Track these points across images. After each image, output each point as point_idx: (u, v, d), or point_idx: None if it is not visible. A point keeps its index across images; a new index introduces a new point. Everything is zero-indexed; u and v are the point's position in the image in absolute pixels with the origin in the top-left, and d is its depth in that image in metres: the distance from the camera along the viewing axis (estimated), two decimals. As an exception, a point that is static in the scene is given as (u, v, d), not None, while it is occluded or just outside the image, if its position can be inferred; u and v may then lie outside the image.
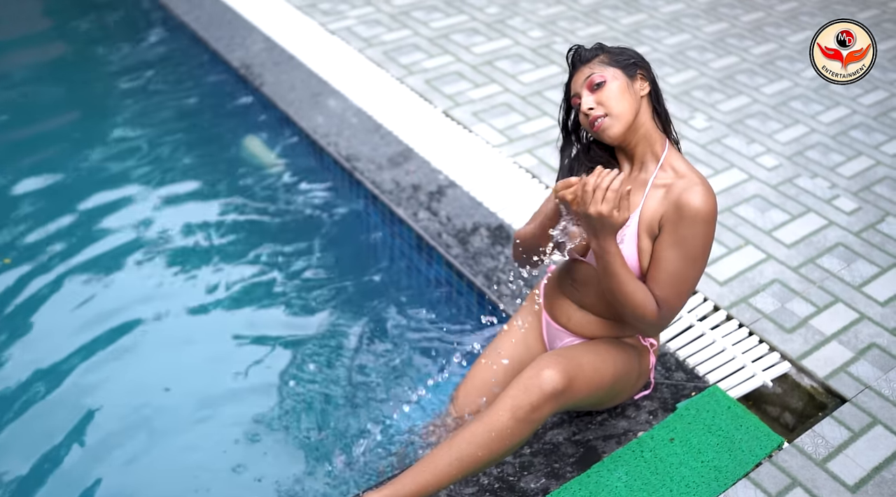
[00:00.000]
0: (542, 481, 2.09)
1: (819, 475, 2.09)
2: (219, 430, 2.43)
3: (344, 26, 4.34)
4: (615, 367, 2.02)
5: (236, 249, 3.13)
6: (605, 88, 1.84)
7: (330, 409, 2.47)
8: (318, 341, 2.74)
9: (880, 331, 2.52)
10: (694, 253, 1.82)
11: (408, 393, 2.47)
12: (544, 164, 3.26)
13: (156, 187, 3.44)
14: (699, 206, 1.79)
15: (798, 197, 3.12)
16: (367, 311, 2.88)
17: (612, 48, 1.91)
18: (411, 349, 2.71)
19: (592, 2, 4.81)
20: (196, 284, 2.95)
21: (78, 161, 3.58)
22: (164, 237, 3.17)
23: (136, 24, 4.86)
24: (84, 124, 3.89)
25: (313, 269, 3.07)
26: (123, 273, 2.99)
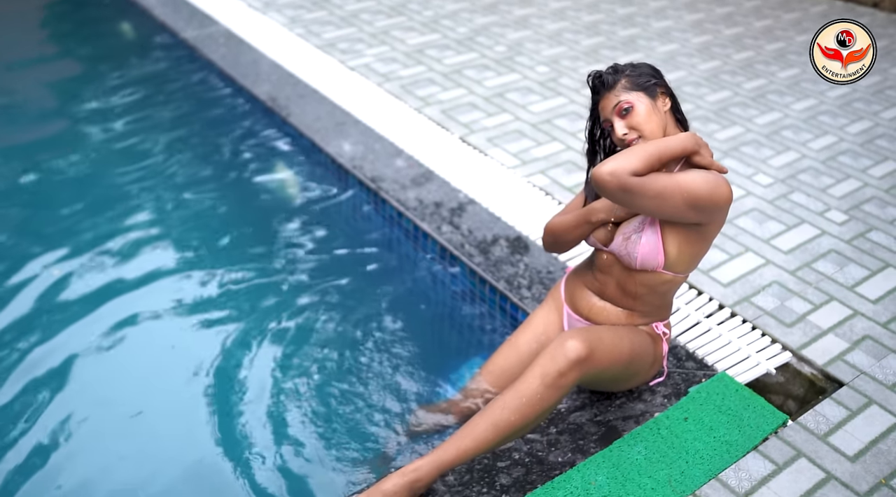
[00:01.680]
0: (569, 455, 2.29)
1: (821, 448, 2.29)
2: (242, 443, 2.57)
3: (362, 63, 4.63)
4: (632, 346, 2.24)
5: (270, 267, 3.32)
6: (633, 113, 2.09)
7: (374, 401, 2.66)
8: (357, 345, 2.92)
9: (872, 324, 2.75)
10: (691, 189, 1.98)
11: (439, 381, 2.67)
12: (556, 183, 3.51)
13: (190, 208, 3.65)
14: (720, 179, 2.03)
15: (793, 210, 3.37)
16: (393, 316, 3.08)
17: (631, 71, 2.14)
18: (438, 348, 2.92)
19: (592, 43, 5.13)
20: (239, 304, 3.09)
21: (116, 187, 3.81)
22: (197, 259, 3.35)
23: (163, 59, 5.13)
24: (125, 154, 4.11)
25: (341, 279, 3.27)
26: (156, 297, 3.13)
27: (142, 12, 5.58)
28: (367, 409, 2.61)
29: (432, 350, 2.93)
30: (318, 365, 2.78)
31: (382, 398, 2.65)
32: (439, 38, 5.05)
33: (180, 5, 5.49)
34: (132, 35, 5.51)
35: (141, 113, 4.46)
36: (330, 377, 2.75)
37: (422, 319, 3.10)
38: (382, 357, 2.83)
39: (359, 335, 2.92)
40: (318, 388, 2.70)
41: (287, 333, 2.93)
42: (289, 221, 3.59)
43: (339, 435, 2.52)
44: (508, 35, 5.17)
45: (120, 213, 3.59)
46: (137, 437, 2.55)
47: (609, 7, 5.81)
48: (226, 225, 3.55)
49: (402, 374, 2.75)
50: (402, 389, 2.68)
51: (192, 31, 5.09)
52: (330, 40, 4.94)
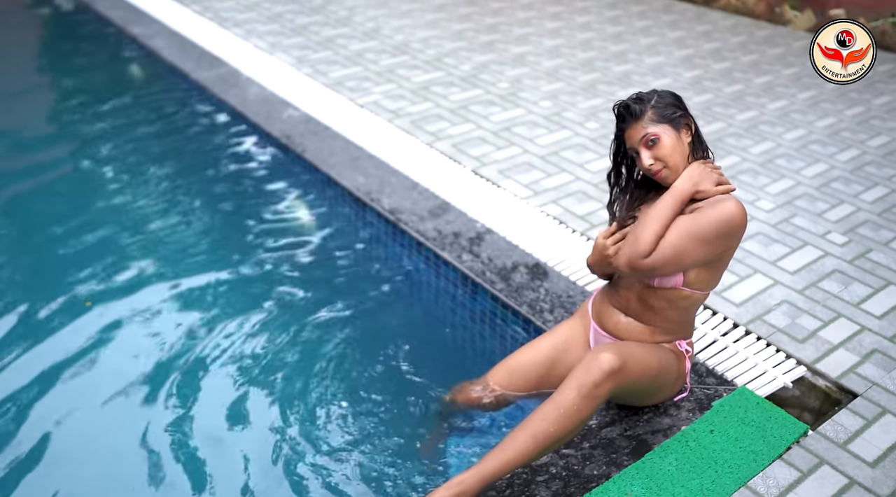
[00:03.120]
0: (604, 468, 2.40)
1: (842, 455, 2.42)
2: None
3: (371, 100, 4.79)
4: (659, 360, 2.37)
5: (294, 297, 3.42)
6: (659, 144, 2.23)
7: (401, 420, 2.76)
8: (384, 369, 3.03)
9: (880, 339, 2.90)
10: (699, 233, 2.18)
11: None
12: (569, 211, 3.66)
13: (207, 243, 3.75)
14: (730, 209, 2.19)
15: (795, 233, 3.53)
16: (417, 342, 3.20)
17: (657, 101, 2.27)
18: (462, 370, 3.02)
19: (588, 79, 5.32)
20: (269, 338, 3.17)
21: (132, 219, 3.92)
22: (215, 294, 3.43)
23: (175, 100, 5.25)
24: (140, 187, 4.22)
25: (364, 308, 3.38)
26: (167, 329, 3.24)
27: (149, 54, 5.72)
28: (394, 425, 2.73)
29: (458, 372, 3.03)
30: (348, 385, 2.90)
31: (409, 419, 2.76)
32: (444, 75, 5.23)
33: (188, 47, 5.64)
34: (143, 77, 5.64)
35: (156, 152, 4.58)
36: (359, 397, 2.87)
37: (446, 344, 3.22)
38: (411, 379, 2.94)
39: (384, 360, 3.04)
40: (350, 406, 2.82)
41: (320, 360, 3.03)
42: (310, 254, 3.70)
43: (373, 449, 2.62)
44: (507, 72, 5.36)
45: (144, 251, 3.69)
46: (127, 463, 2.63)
47: (601, 45, 6.02)
48: (247, 257, 3.65)
49: (428, 394, 2.87)
50: (431, 399, 2.81)
51: (203, 73, 5.23)
52: (337, 79, 5.11)
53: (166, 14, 6.32)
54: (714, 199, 2.23)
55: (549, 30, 6.34)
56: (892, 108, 5.02)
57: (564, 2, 7.16)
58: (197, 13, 6.36)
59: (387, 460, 2.61)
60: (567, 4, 7.08)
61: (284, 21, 6.28)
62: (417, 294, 3.51)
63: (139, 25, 6.10)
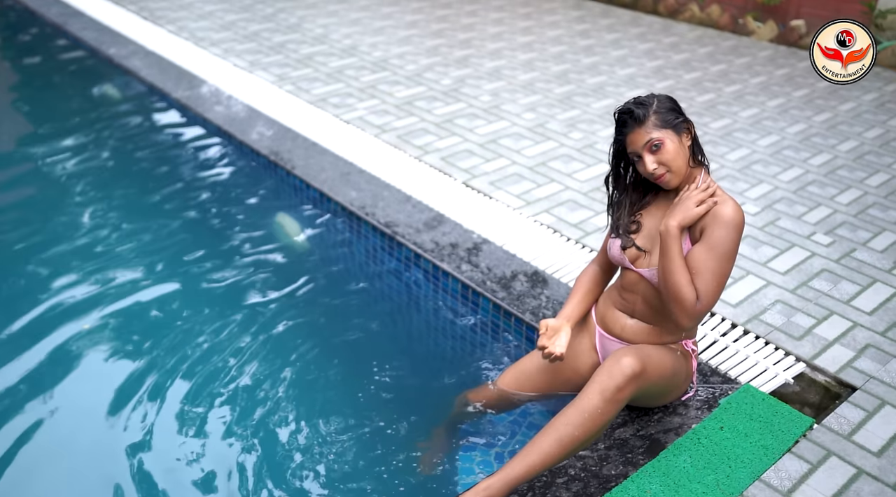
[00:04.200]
0: (621, 468, 2.46)
1: (848, 446, 2.51)
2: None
3: (356, 116, 4.83)
4: (672, 361, 2.45)
5: (289, 314, 3.43)
6: (663, 149, 2.28)
7: (413, 424, 2.80)
8: (388, 384, 3.06)
9: (872, 334, 3.01)
10: (724, 251, 2.25)
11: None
12: (562, 220, 3.73)
13: (194, 260, 3.74)
14: (731, 213, 2.26)
15: (782, 235, 3.65)
16: (421, 351, 3.24)
17: (658, 106, 2.33)
18: (472, 378, 3.07)
19: (564, 91, 5.43)
20: (268, 352, 3.18)
21: (118, 238, 3.90)
22: (213, 311, 3.43)
23: (157, 119, 5.24)
24: (126, 204, 4.20)
25: (365, 320, 3.41)
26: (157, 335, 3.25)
27: (126, 74, 5.70)
28: (404, 430, 2.79)
29: (463, 383, 3.08)
30: (353, 399, 2.94)
31: (421, 421, 2.81)
32: (425, 90, 5.30)
33: (166, 67, 5.63)
34: (122, 97, 5.60)
35: (140, 171, 4.56)
36: (363, 410, 2.90)
37: (448, 355, 3.26)
38: (416, 392, 2.98)
39: (387, 373, 3.07)
40: (354, 420, 2.85)
41: (323, 373, 3.06)
42: (304, 270, 3.72)
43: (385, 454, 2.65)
44: (485, 86, 5.44)
45: (133, 268, 3.68)
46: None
47: (574, 57, 6.14)
48: (243, 275, 3.66)
49: (434, 406, 2.91)
50: (440, 409, 2.85)
51: (183, 92, 5.23)
52: (320, 96, 5.14)
53: (141, 35, 6.30)
54: (711, 213, 2.28)
55: (522, 44, 6.45)
56: (857, 114, 5.19)
57: (534, 16, 7.29)
58: (172, 33, 6.35)
59: (392, 472, 2.65)
60: (536, 19, 7.21)
61: (261, 40, 6.30)
62: (418, 305, 3.55)
63: (114, 46, 6.08)
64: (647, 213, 2.46)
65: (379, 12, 7.23)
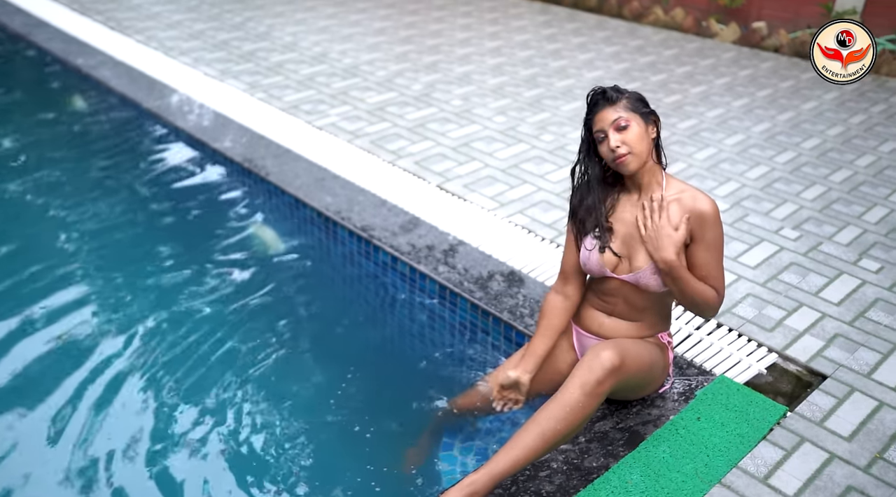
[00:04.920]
0: (602, 460, 2.50)
1: (820, 432, 2.58)
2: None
3: (329, 123, 4.86)
4: (650, 353, 2.51)
5: (267, 319, 3.45)
6: (628, 131, 2.35)
7: (397, 421, 2.83)
8: (370, 384, 3.09)
9: (840, 324, 3.10)
10: (719, 245, 2.38)
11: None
12: (536, 220, 3.79)
13: (169, 268, 3.74)
14: (711, 210, 2.34)
15: (751, 231, 3.74)
16: (403, 352, 3.27)
17: (631, 94, 2.39)
18: (453, 378, 3.11)
19: (533, 94, 5.50)
20: (245, 357, 3.20)
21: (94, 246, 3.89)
22: (190, 318, 3.43)
23: (130, 129, 5.22)
24: (98, 213, 4.18)
25: (344, 323, 3.43)
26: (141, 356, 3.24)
27: (96, 85, 5.67)
28: (389, 425, 2.83)
29: (445, 382, 3.12)
30: (336, 396, 2.96)
31: (405, 417, 2.85)
32: (397, 95, 5.34)
33: (136, 76, 5.61)
34: (92, 107, 5.57)
35: (115, 180, 4.55)
36: (347, 406, 2.94)
37: (428, 353, 3.29)
38: (398, 390, 3.01)
39: (367, 376, 3.11)
40: (337, 423, 2.87)
41: (305, 374, 3.08)
42: (284, 275, 3.74)
43: (369, 452, 2.68)
44: (455, 90, 5.49)
45: (114, 279, 3.67)
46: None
47: (542, 61, 6.22)
48: (219, 282, 3.66)
49: (416, 407, 2.95)
50: (424, 410, 2.89)
51: (155, 101, 5.22)
52: (292, 103, 5.16)
53: (109, 45, 6.27)
54: (695, 216, 2.35)
55: (490, 48, 6.51)
56: (819, 113, 5.32)
57: (501, 21, 7.36)
58: (141, 43, 6.33)
59: (376, 473, 2.68)
60: (504, 23, 7.28)
61: (231, 48, 6.30)
62: (395, 308, 3.58)
63: (81, 56, 6.04)
64: (614, 217, 2.50)
65: (347, 20, 7.26)
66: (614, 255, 2.47)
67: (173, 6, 7.55)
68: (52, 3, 7.46)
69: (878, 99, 5.60)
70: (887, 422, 2.63)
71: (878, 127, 5.08)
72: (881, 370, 2.86)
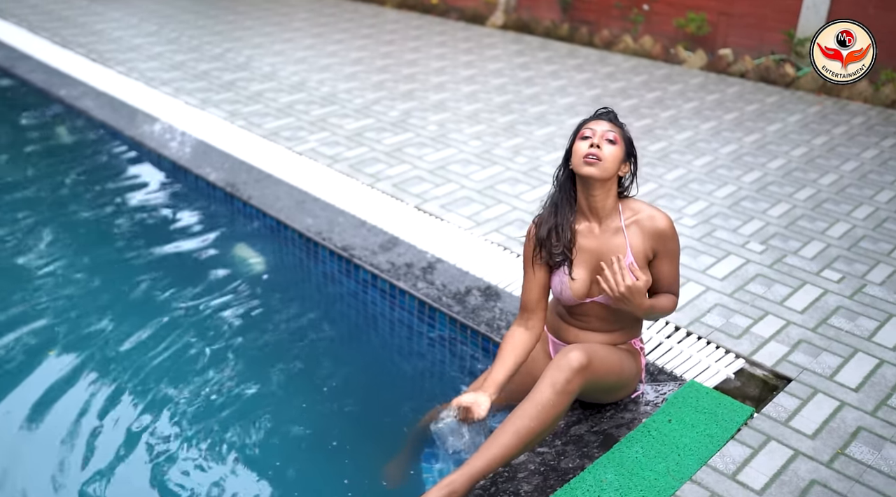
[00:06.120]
0: (577, 461, 2.60)
1: (785, 431, 2.70)
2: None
3: (308, 148, 4.98)
4: (620, 359, 2.62)
5: (252, 338, 3.53)
6: (612, 146, 2.46)
7: (383, 427, 2.91)
8: (351, 398, 3.18)
9: (804, 330, 3.23)
10: (678, 255, 2.59)
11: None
12: (511, 238, 3.91)
13: (155, 291, 3.82)
14: (668, 226, 2.52)
15: (719, 245, 3.88)
16: (385, 364, 3.36)
17: (627, 133, 2.53)
18: (432, 390, 3.20)
19: (507, 120, 5.65)
20: (219, 375, 3.28)
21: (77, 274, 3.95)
22: (175, 338, 3.50)
23: (113, 156, 5.31)
24: (84, 239, 4.25)
25: (327, 338, 3.52)
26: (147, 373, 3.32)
27: (79, 115, 5.76)
28: (369, 438, 2.92)
29: (426, 394, 3.21)
30: (317, 411, 3.03)
31: (385, 430, 2.93)
32: (374, 122, 5.47)
33: (118, 106, 5.71)
34: (76, 137, 5.65)
35: (98, 207, 4.62)
36: (328, 420, 3.03)
37: (409, 367, 3.39)
38: (382, 399, 3.10)
39: (348, 391, 3.19)
40: (321, 436, 2.94)
41: (287, 389, 3.15)
42: (268, 295, 3.83)
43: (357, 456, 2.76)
44: (431, 117, 5.63)
45: (101, 301, 3.74)
46: None
47: (515, 88, 6.39)
48: (204, 304, 3.74)
49: (402, 406, 3.04)
50: (405, 418, 2.97)
51: (137, 129, 5.32)
52: (272, 130, 5.28)
53: (90, 76, 6.37)
54: (655, 233, 2.51)
55: (464, 77, 6.68)
56: (784, 134, 5.51)
57: (475, 51, 7.55)
58: (122, 74, 6.44)
59: (356, 487, 2.75)
60: (478, 53, 7.46)
61: (211, 78, 6.42)
62: (376, 323, 3.67)
63: (64, 87, 6.14)
64: (577, 246, 2.59)
65: (324, 50, 7.42)
66: (582, 284, 2.58)
67: (154, 38, 7.68)
68: (34, 36, 7.56)
69: (840, 121, 5.80)
70: (848, 420, 2.75)
71: (840, 147, 5.27)
72: (843, 373, 2.99)
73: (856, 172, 4.86)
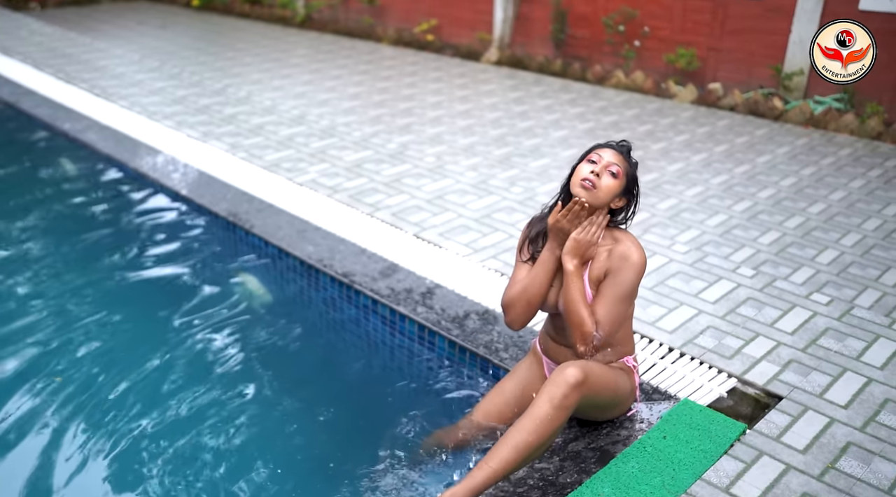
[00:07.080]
0: (575, 476, 2.67)
1: (777, 446, 2.78)
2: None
3: (309, 179, 5.09)
4: (615, 376, 2.70)
5: (256, 365, 3.58)
6: (613, 179, 2.57)
7: (383, 453, 2.97)
8: (353, 420, 3.24)
9: (794, 351, 3.32)
10: (624, 294, 2.59)
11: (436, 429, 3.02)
12: (508, 265, 4.01)
13: (160, 319, 3.88)
14: (636, 257, 2.58)
15: (710, 270, 3.98)
16: (385, 387, 3.43)
17: (633, 170, 2.64)
18: (434, 412, 3.26)
19: (502, 152, 5.78)
20: (223, 400, 3.33)
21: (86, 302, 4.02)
22: (181, 366, 3.55)
23: (119, 188, 5.40)
24: (90, 269, 4.32)
25: (331, 362, 3.59)
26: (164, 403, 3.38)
27: (82, 148, 5.87)
28: (372, 461, 2.96)
29: (429, 415, 3.27)
30: (318, 436, 3.11)
31: (388, 452, 2.99)
32: (372, 154, 5.60)
33: (122, 139, 5.83)
34: (80, 168, 5.75)
35: (103, 237, 4.70)
36: (338, 441, 3.09)
37: (409, 389, 3.45)
38: (381, 422, 3.17)
39: (350, 414, 3.26)
40: (324, 461, 3.00)
41: (290, 414, 3.22)
42: (271, 322, 3.90)
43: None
44: (428, 150, 5.76)
45: (106, 331, 3.80)
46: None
47: (510, 122, 6.53)
48: (209, 332, 3.81)
49: (405, 428, 3.10)
50: (408, 440, 3.03)
51: (140, 161, 5.43)
52: (273, 161, 5.39)
53: (94, 110, 6.50)
54: (618, 254, 2.58)
55: (460, 111, 6.82)
56: (773, 165, 5.64)
57: (470, 86, 7.71)
58: (125, 108, 6.57)
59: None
60: (473, 88, 7.63)
61: (212, 112, 6.56)
62: (376, 348, 3.75)
63: (68, 121, 6.27)
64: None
65: (322, 86, 7.57)
66: (555, 292, 2.71)
67: (156, 74, 7.84)
68: (39, 72, 7.72)
69: (828, 152, 5.94)
70: (838, 436, 2.83)
71: (828, 178, 5.40)
72: (832, 391, 3.07)
73: (844, 201, 4.98)
